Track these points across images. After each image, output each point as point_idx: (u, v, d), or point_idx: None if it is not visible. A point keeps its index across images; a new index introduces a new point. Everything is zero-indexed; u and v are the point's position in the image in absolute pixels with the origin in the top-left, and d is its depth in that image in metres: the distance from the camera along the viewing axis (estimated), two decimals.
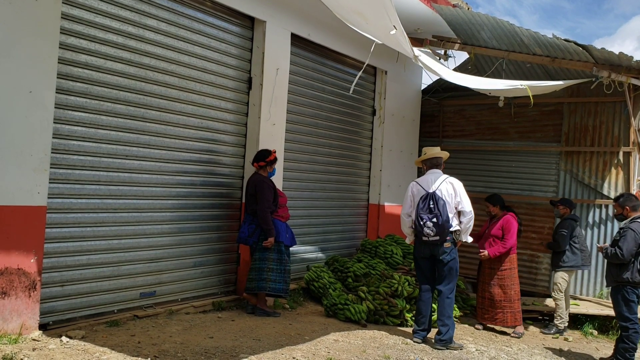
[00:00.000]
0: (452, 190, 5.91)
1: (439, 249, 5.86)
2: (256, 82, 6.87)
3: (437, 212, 5.77)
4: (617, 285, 5.84)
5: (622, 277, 5.77)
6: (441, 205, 5.79)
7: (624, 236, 5.79)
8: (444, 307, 5.92)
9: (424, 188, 5.96)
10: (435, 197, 5.84)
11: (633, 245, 5.71)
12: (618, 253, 5.73)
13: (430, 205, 5.82)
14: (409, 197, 6.07)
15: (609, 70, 7.64)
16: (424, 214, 5.81)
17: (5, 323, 4.41)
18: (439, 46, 9.03)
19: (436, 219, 5.76)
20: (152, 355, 4.42)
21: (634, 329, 5.76)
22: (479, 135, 10.13)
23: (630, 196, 6.13)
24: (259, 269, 6.16)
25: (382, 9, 4.71)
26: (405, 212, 6.08)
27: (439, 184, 5.93)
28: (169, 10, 5.89)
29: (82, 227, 5.19)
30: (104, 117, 5.29)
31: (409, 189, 6.12)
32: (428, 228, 5.77)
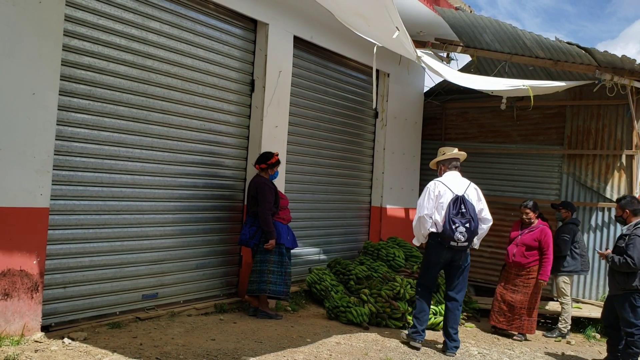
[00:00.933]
0: (476, 195, 5.73)
1: (462, 254, 5.72)
2: (259, 84, 6.88)
3: (469, 217, 5.55)
4: (624, 294, 5.70)
5: (631, 285, 5.62)
6: (472, 210, 5.58)
7: (632, 243, 5.61)
8: (457, 316, 5.80)
9: (452, 190, 5.65)
10: (465, 201, 5.60)
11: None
12: (629, 262, 5.55)
13: (462, 210, 5.56)
14: (432, 198, 5.67)
15: (611, 73, 7.63)
16: (457, 219, 5.53)
17: (8, 324, 4.42)
18: (442, 49, 9.04)
19: (469, 224, 5.54)
20: (154, 357, 4.42)
21: (639, 335, 5.68)
22: (481, 138, 10.12)
23: (632, 199, 6.02)
24: (260, 271, 6.16)
25: (384, 11, 4.71)
26: (426, 213, 5.66)
27: (466, 187, 5.71)
28: (172, 12, 5.90)
29: (84, 229, 5.20)
30: (106, 119, 5.31)
31: (434, 188, 5.71)
32: (460, 233, 5.52)
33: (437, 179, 5.85)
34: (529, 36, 7.71)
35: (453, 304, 5.83)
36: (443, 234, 5.58)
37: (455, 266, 5.78)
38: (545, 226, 7.05)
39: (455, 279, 5.83)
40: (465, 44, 8.80)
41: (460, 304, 5.84)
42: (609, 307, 5.96)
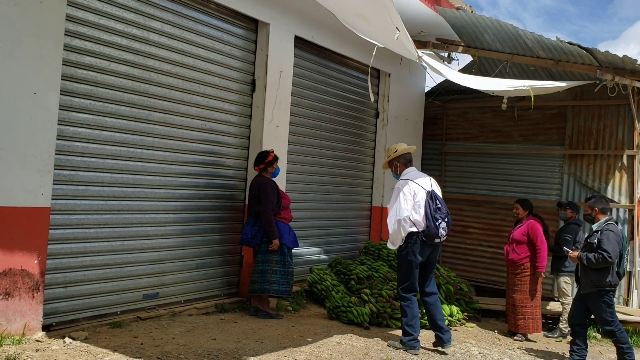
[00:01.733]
0: (438, 189, 5.73)
1: (438, 249, 5.78)
2: (260, 84, 6.88)
3: (445, 211, 5.56)
4: (598, 291, 5.74)
5: (604, 282, 5.68)
6: (443, 203, 5.59)
7: (605, 238, 5.70)
8: (440, 307, 5.84)
9: (423, 187, 5.56)
10: (437, 196, 5.58)
11: (616, 246, 5.70)
12: (606, 256, 5.61)
13: (438, 205, 5.52)
14: (409, 199, 5.51)
15: (612, 73, 7.63)
16: (437, 214, 5.48)
17: (9, 324, 4.42)
18: (443, 49, 9.04)
19: (447, 218, 5.56)
20: (154, 356, 4.42)
21: (619, 330, 5.76)
22: (482, 138, 10.12)
23: (601, 198, 6.13)
24: (263, 271, 6.17)
25: (384, 11, 4.71)
26: (408, 215, 5.47)
27: (430, 182, 5.67)
28: (173, 12, 5.91)
29: (85, 229, 5.20)
30: (107, 119, 5.31)
31: (408, 189, 5.53)
32: (442, 228, 5.48)
33: (405, 178, 5.68)
34: (530, 36, 7.71)
35: (433, 298, 5.77)
36: (428, 232, 5.48)
37: (431, 262, 5.74)
38: (534, 221, 7.06)
39: (430, 273, 5.80)
40: (466, 44, 8.80)
41: (436, 293, 5.82)
42: (580, 306, 5.98)
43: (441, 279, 7.70)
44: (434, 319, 5.72)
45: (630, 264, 8.40)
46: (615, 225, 5.87)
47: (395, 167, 5.84)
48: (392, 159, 5.84)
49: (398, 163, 5.81)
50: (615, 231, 5.78)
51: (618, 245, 5.72)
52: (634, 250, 8.30)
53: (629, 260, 8.40)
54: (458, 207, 10.30)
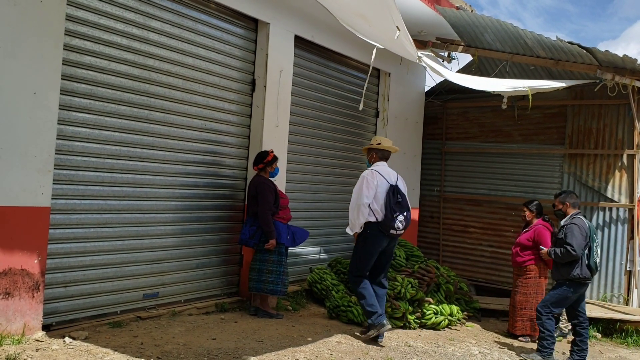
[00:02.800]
0: (404, 186, 5.95)
1: (395, 242, 5.95)
2: (260, 84, 6.88)
3: (406, 206, 5.78)
4: (567, 282, 5.92)
5: (572, 275, 5.84)
6: (406, 199, 5.81)
7: (570, 232, 5.85)
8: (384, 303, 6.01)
9: (387, 180, 5.80)
10: (400, 191, 5.79)
11: (581, 239, 5.82)
12: (570, 250, 5.78)
13: (399, 199, 5.74)
14: (371, 187, 5.73)
15: (612, 73, 7.63)
16: (396, 208, 5.69)
17: (9, 324, 4.42)
18: (443, 48, 9.03)
19: (406, 213, 5.75)
20: (155, 356, 4.42)
21: (548, 318, 6.00)
22: (482, 138, 10.12)
23: (570, 193, 6.25)
24: (259, 270, 6.18)
25: (386, 11, 4.71)
26: (367, 202, 5.72)
27: (396, 177, 5.90)
28: (173, 12, 5.91)
29: (85, 228, 5.20)
30: (107, 119, 5.31)
31: (372, 178, 5.77)
32: (400, 222, 5.68)
33: (372, 168, 5.93)
34: (530, 36, 7.71)
35: (383, 291, 6.00)
36: (384, 223, 5.69)
37: (388, 254, 5.95)
38: (543, 226, 7.02)
39: (386, 266, 6.02)
40: (466, 43, 8.80)
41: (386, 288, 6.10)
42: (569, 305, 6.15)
43: (441, 279, 7.69)
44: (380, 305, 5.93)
45: (630, 263, 8.40)
46: (580, 219, 5.97)
47: (371, 157, 6.09)
48: (373, 149, 6.07)
49: (375, 154, 6.05)
50: (580, 224, 5.88)
51: (583, 238, 5.82)
52: (634, 249, 8.30)
53: (629, 260, 8.40)
54: (458, 206, 10.31)
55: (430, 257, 9.36)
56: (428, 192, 10.60)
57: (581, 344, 6.02)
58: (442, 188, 10.50)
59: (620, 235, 8.57)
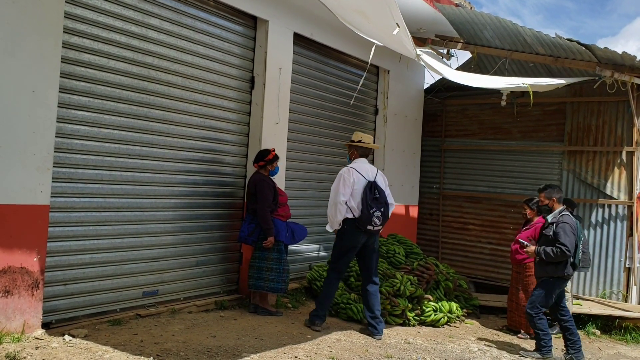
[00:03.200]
0: (384, 182, 5.97)
1: (375, 237, 5.97)
2: (259, 81, 6.87)
3: (383, 202, 5.81)
4: (549, 279, 5.89)
5: (560, 273, 5.82)
6: (384, 195, 5.84)
7: (562, 231, 5.76)
8: (378, 300, 6.04)
9: (365, 177, 5.87)
10: (378, 187, 5.83)
11: (573, 238, 5.78)
12: (564, 250, 5.69)
13: (376, 195, 5.79)
14: (348, 185, 5.80)
15: (612, 70, 7.63)
16: (373, 203, 5.75)
17: (9, 322, 4.42)
18: (442, 45, 9.02)
19: (383, 208, 5.80)
20: (154, 354, 4.43)
21: (538, 317, 5.94)
22: (481, 135, 10.12)
23: (555, 187, 6.14)
24: (259, 267, 6.18)
25: (385, 7, 4.70)
26: (343, 199, 5.78)
27: (375, 173, 5.97)
28: (172, 9, 5.90)
29: (84, 226, 5.20)
30: (107, 116, 5.30)
31: (349, 175, 5.84)
32: (377, 217, 5.75)
33: (350, 165, 6.00)
34: (529, 33, 7.70)
35: (374, 288, 6.03)
36: (361, 219, 5.76)
37: (370, 250, 5.98)
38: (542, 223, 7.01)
39: (372, 262, 6.04)
40: (465, 40, 8.80)
41: (377, 283, 6.10)
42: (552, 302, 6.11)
43: (440, 276, 7.70)
44: (372, 308, 5.97)
45: (629, 260, 8.41)
46: (569, 216, 5.93)
47: (352, 153, 6.16)
48: (354, 146, 6.14)
49: (356, 151, 6.12)
50: (570, 222, 5.84)
51: (574, 237, 5.79)
52: (633, 246, 8.31)
53: (628, 257, 8.41)
54: (457, 203, 10.31)
55: (430, 254, 9.37)
56: (427, 189, 10.60)
57: (572, 337, 6.04)
58: (442, 185, 10.50)
59: (620, 232, 8.57)
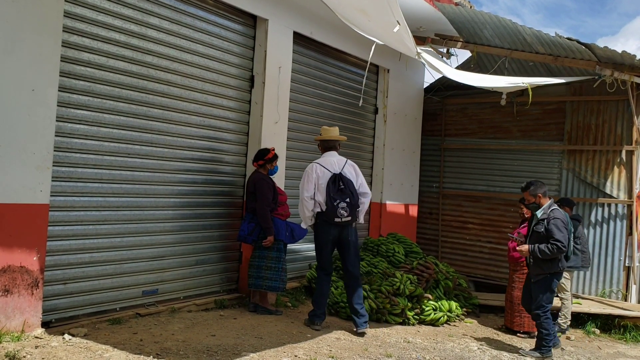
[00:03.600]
0: (353, 171, 5.94)
1: (348, 229, 5.90)
2: (258, 80, 6.87)
3: (348, 192, 5.78)
4: (547, 276, 5.87)
5: (556, 268, 5.83)
6: (350, 185, 5.82)
7: (555, 227, 5.73)
8: (360, 292, 5.98)
9: (329, 170, 5.87)
10: (343, 177, 5.82)
11: (566, 233, 5.77)
12: (560, 246, 5.67)
13: (341, 187, 5.78)
14: (311, 180, 5.88)
15: (611, 69, 7.63)
16: (337, 196, 5.75)
17: (8, 321, 4.42)
18: (442, 44, 9.02)
19: (349, 199, 5.76)
20: (154, 353, 4.43)
21: (545, 316, 5.90)
22: (481, 134, 10.13)
23: (538, 182, 6.10)
24: (258, 266, 6.18)
25: (386, 5, 4.70)
26: (308, 195, 5.86)
27: (342, 165, 5.93)
28: (171, 8, 5.89)
29: (84, 225, 5.20)
30: (106, 115, 5.30)
31: (311, 170, 5.92)
32: (342, 209, 5.73)
33: (315, 161, 6.07)
34: (529, 32, 7.70)
35: (353, 280, 5.98)
36: (327, 212, 5.79)
37: (345, 241, 5.94)
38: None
39: (347, 253, 5.98)
40: (465, 39, 8.79)
41: (358, 277, 6.02)
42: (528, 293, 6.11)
43: (440, 275, 7.71)
44: (350, 301, 5.97)
45: (629, 259, 8.42)
46: (559, 211, 5.94)
47: (320, 148, 6.26)
48: (318, 141, 6.26)
49: (320, 146, 6.22)
50: (561, 217, 5.84)
51: (567, 232, 5.80)
52: (632, 245, 8.32)
53: (628, 256, 8.42)
54: (457, 202, 10.32)
55: (429, 253, 9.37)
56: (427, 188, 10.61)
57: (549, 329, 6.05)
58: (441, 184, 10.51)
59: (619, 231, 8.58)
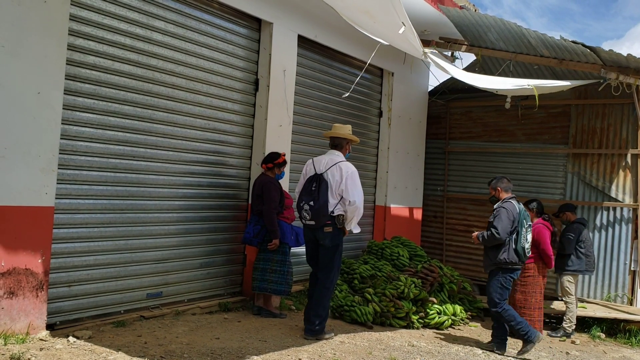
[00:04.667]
0: (339, 175, 5.50)
1: (320, 233, 5.51)
2: (263, 83, 6.88)
3: (316, 195, 5.41)
4: (496, 269, 5.94)
5: (498, 259, 5.87)
6: (323, 188, 5.42)
7: (497, 216, 5.90)
8: (319, 297, 5.54)
9: (316, 168, 5.60)
10: (320, 179, 5.47)
11: (507, 223, 5.84)
12: (494, 233, 5.82)
13: (312, 188, 5.47)
14: (302, 177, 5.71)
15: (617, 72, 7.60)
16: (304, 196, 5.50)
17: (13, 323, 4.43)
18: (446, 48, 9.01)
19: (313, 202, 5.41)
20: (158, 355, 4.43)
21: (504, 309, 5.93)
22: (485, 137, 10.11)
23: (502, 178, 6.27)
24: (263, 269, 6.18)
25: (390, 6, 4.71)
26: (297, 191, 5.73)
27: (329, 166, 5.56)
28: (176, 12, 5.91)
29: (89, 228, 5.21)
30: (111, 118, 5.32)
31: (304, 167, 5.74)
32: (305, 211, 5.45)
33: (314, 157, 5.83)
34: (533, 35, 7.69)
35: (317, 287, 5.61)
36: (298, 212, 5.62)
37: (319, 245, 5.58)
38: (544, 225, 6.98)
39: (318, 257, 5.63)
40: (469, 42, 8.78)
41: (323, 284, 5.55)
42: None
43: (444, 278, 7.69)
44: (307, 307, 5.68)
45: (634, 263, 8.38)
46: (511, 203, 5.99)
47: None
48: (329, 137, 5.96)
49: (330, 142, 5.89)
50: (509, 208, 5.91)
51: (509, 222, 5.85)
52: (638, 249, 8.28)
53: (634, 260, 8.37)
54: (461, 206, 10.30)
55: (434, 256, 9.35)
56: (431, 191, 10.59)
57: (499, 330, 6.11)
58: (446, 188, 10.49)
59: (625, 235, 8.54)
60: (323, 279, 5.59)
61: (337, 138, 5.82)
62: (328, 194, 5.45)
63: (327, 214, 5.43)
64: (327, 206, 5.43)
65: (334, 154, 5.74)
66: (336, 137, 5.82)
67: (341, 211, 5.49)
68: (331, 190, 5.47)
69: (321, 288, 5.58)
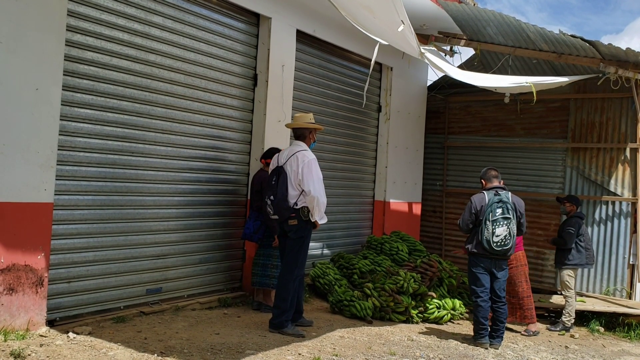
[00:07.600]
0: (295, 165, 5.29)
1: (286, 225, 5.38)
2: (262, 78, 6.87)
3: (275, 189, 5.29)
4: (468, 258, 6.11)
5: (465, 247, 6.07)
6: (282, 181, 5.27)
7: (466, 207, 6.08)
8: (279, 289, 5.42)
9: (278, 161, 5.47)
10: (280, 171, 5.33)
11: (468, 215, 6.00)
12: (458, 222, 6.11)
13: (273, 182, 5.35)
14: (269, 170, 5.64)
15: (616, 66, 7.60)
16: (267, 191, 5.40)
17: (13, 319, 4.44)
18: (445, 42, 9.00)
19: (273, 196, 5.29)
20: (158, 351, 4.44)
21: (476, 303, 6.04)
22: (484, 132, 10.10)
23: (487, 169, 6.29)
24: (264, 264, 6.20)
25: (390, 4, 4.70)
26: None
27: (289, 157, 5.38)
28: (174, 7, 5.89)
29: (88, 224, 5.21)
30: (110, 114, 5.31)
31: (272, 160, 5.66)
32: (268, 206, 5.36)
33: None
34: (532, 29, 7.67)
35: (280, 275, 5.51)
36: None
37: (286, 237, 5.47)
38: None
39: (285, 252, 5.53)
40: (468, 37, 8.77)
41: (284, 275, 5.42)
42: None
43: (444, 273, 7.70)
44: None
45: (633, 257, 8.39)
46: (481, 194, 6.08)
47: None
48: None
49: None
50: (474, 200, 6.02)
51: (469, 214, 5.97)
52: (637, 243, 8.29)
53: (632, 254, 8.39)
54: (460, 200, 10.28)
55: (433, 251, 9.36)
56: (431, 186, 10.60)
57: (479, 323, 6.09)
58: (445, 182, 10.49)
59: (623, 229, 8.56)
60: (284, 271, 5.46)
61: (299, 128, 5.60)
62: (288, 186, 5.29)
63: (288, 207, 5.28)
64: (287, 199, 5.27)
65: (296, 144, 5.54)
66: (297, 128, 5.62)
67: (304, 203, 5.31)
68: (290, 182, 5.31)
69: (282, 279, 5.43)
